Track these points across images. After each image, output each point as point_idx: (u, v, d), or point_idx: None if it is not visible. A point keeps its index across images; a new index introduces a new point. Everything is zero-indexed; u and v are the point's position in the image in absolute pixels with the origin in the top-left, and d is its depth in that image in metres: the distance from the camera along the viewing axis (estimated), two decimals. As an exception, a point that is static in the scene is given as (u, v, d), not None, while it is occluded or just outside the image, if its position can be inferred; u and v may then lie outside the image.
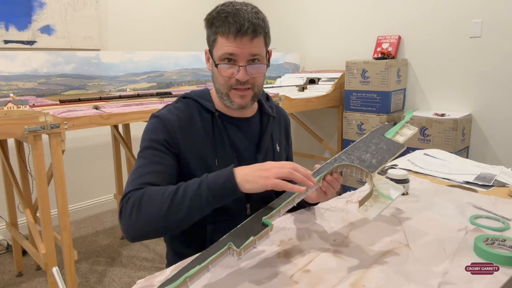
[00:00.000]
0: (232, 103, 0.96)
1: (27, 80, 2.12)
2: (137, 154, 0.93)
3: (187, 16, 3.38)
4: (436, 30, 2.69)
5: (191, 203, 0.78)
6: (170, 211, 0.78)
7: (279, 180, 0.76)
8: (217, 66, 0.92)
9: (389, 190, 0.80)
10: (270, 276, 0.74)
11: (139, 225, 0.80)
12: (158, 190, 0.82)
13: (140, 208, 0.80)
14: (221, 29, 0.90)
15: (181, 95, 1.04)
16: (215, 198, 0.78)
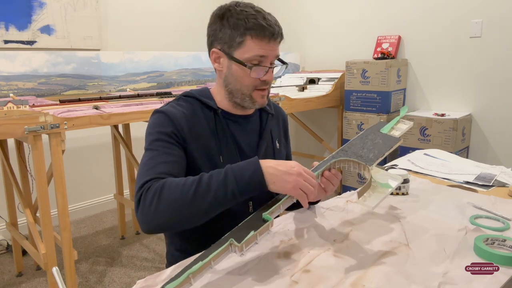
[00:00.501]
0: (254, 103, 0.98)
1: (27, 80, 2.12)
2: (145, 148, 0.91)
3: (187, 16, 3.38)
4: (436, 30, 2.69)
5: (216, 194, 0.76)
6: (193, 202, 0.76)
7: (303, 192, 0.78)
8: (250, 68, 0.92)
9: (388, 180, 0.80)
10: (270, 276, 0.74)
11: (159, 216, 0.77)
12: (179, 180, 0.80)
13: (161, 198, 0.77)
14: (254, 32, 0.90)
15: (181, 93, 1.04)
16: (241, 190, 0.77)
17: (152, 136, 0.92)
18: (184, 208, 0.77)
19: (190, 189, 0.77)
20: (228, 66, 0.96)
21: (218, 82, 1.02)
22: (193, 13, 3.40)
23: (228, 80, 0.97)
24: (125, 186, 2.63)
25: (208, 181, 0.78)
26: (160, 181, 0.80)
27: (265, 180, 0.77)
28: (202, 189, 0.77)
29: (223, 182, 0.77)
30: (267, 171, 0.78)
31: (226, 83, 0.98)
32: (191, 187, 0.77)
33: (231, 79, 0.97)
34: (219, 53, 0.97)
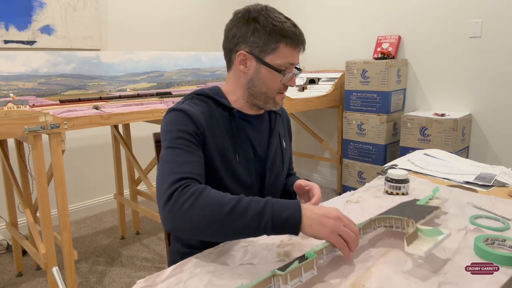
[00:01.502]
0: (276, 105, 1.02)
1: (27, 80, 2.12)
2: (167, 145, 0.90)
3: (187, 16, 3.38)
4: (436, 30, 2.69)
5: (250, 221, 0.75)
6: (226, 220, 0.75)
7: (341, 239, 0.75)
8: (284, 74, 0.96)
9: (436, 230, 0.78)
10: (270, 276, 0.74)
11: (188, 220, 0.76)
12: (219, 193, 0.79)
13: (196, 204, 0.76)
14: (290, 40, 0.94)
15: (193, 91, 1.03)
16: (274, 227, 0.75)
17: (174, 134, 0.90)
18: (215, 222, 0.76)
19: (227, 205, 0.76)
20: (256, 70, 0.97)
21: (235, 83, 1.02)
22: (193, 13, 3.40)
23: (254, 83, 0.98)
24: (125, 186, 2.63)
25: (247, 206, 0.76)
26: (199, 186, 0.80)
27: (302, 224, 0.75)
28: (238, 211, 0.76)
29: (260, 213, 0.75)
30: (305, 214, 0.76)
31: (249, 85, 0.99)
32: (229, 204, 0.76)
33: (258, 82, 0.98)
34: (247, 56, 0.97)
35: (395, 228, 0.84)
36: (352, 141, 2.93)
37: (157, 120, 2.05)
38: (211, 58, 3.00)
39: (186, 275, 0.75)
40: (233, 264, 0.78)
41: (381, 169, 1.39)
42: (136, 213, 2.64)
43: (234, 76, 1.02)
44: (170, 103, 2.11)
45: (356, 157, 2.93)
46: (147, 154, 2.55)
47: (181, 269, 0.77)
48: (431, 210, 0.94)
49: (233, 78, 1.02)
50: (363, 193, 1.17)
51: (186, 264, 0.79)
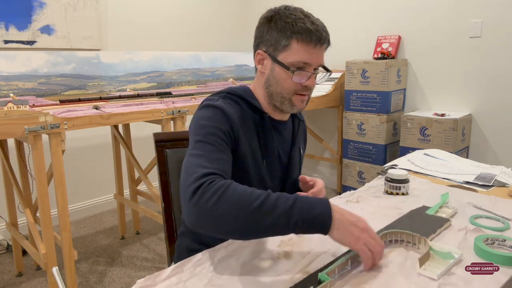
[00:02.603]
0: (293, 107, 0.97)
1: (27, 80, 2.12)
2: (198, 139, 0.87)
3: (187, 16, 3.38)
4: (436, 30, 2.69)
5: (278, 219, 0.71)
6: (253, 216, 0.71)
7: (366, 248, 0.72)
8: (293, 72, 0.92)
9: (448, 251, 0.78)
10: (270, 277, 0.74)
11: (214, 214, 0.72)
12: (246, 188, 0.75)
13: (223, 198, 0.72)
14: (301, 36, 0.90)
15: (224, 90, 1.00)
16: (304, 226, 0.72)
17: (208, 129, 0.88)
18: (241, 218, 0.72)
19: (255, 201, 0.72)
20: (271, 69, 0.96)
21: (258, 84, 1.01)
22: (194, 13, 3.40)
23: (270, 82, 0.97)
24: (125, 186, 2.64)
25: (275, 201, 0.72)
26: (226, 181, 0.76)
27: (331, 224, 0.72)
28: (267, 207, 0.72)
29: (289, 210, 0.72)
30: (335, 216, 0.73)
31: (267, 85, 0.98)
32: (257, 200, 0.72)
33: (273, 81, 0.96)
34: (263, 55, 0.96)
35: (406, 244, 0.84)
36: (352, 141, 2.93)
37: (157, 120, 2.05)
38: (211, 58, 3.00)
39: (186, 275, 0.75)
40: (233, 264, 0.78)
41: (381, 169, 1.39)
42: (136, 213, 2.64)
43: (257, 78, 1.01)
44: (170, 103, 2.11)
45: (356, 157, 2.93)
46: (147, 154, 2.54)
47: (181, 269, 0.77)
48: (441, 222, 0.92)
49: (256, 80, 1.02)
50: (363, 193, 1.17)
51: (186, 264, 0.79)
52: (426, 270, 0.73)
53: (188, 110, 2.13)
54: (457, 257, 0.76)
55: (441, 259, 0.76)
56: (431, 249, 0.78)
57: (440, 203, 1.04)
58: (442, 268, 0.73)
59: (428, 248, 0.77)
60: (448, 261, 0.75)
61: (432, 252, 0.77)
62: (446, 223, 0.93)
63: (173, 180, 1.18)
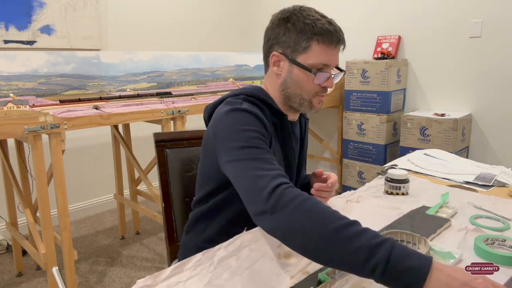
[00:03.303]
0: (312, 108, 0.97)
1: (27, 80, 2.12)
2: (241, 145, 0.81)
3: (187, 16, 3.38)
4: (436, 30, 2.69)
5: (355, 252, 0.61)
6: (331, 236, 0.63)
7: None
8: (315, 74, 0.91)
9: (448, 251, 0.78)
10: (270, 277, 0.74)
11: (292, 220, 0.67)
12: (328, 207, 0.69)
13: (304, 206, 0.68)
14: (322, 37, 0.89)
15: (240, 92, 0.97)
16: (384, 272, 0.59)
17: (249, 133, 0.83)
18: (317, 234, 0.64)
19: (337, 221, 0.64)
20: (289, 70, 0.94)
21: (272, 86, 0.99)
22: (194, 13, 3.40)
23: (287, 84, 0.95)
24: (125, 186, 2.64)
25: (359, 232, 0.63)
26: (303, 192, 0.71)
27: (423, 284, 0.57)
28: (348, 233, 0.63)
29: (373, 249, 0.60)
30: (436, 277, 0.58)
31: (284, 87, 0.96)
32: (339, 221, 0.64)
33: (291, 83, 0.95)
34: (279, 57, 0.95)
35: (406, 244, 0.83)
36: (352, 141, 2.93)
37: (157, 120, 2.05)
38: (211, 58, 3.00)
39: (186, 275, 0.75)
40: (233, 264, 0.78)
41: (381, 169, 1.39)
42: (136, 213, 2.64)
43: (269, 79, 1.00)
44: (170, 103, 2.11)
45: (356, 157, 2.93)
46: (147, 154, 2.54)
47: (181, 269, 0.77)
48: (441, 222, 0.93)
49: (269, 81, 1.00)
50: (363, 193, 1.17)
51: (186, 264, 0.79)
52: None
53: (188, 110, 2.13)
54: (457, 257, 0.76)
55: (441, 259, 0.76)
56: (431, 249, 0.78)
57: (440, 203, 1.04)
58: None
59: (428, 248, 0.77)
60: (448, 261, 0.75)
61: (432, 252, 0.77)
62: (446, 223, 0.93)
63: (173, 180, 1.18)
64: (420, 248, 0.81)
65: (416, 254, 0.60)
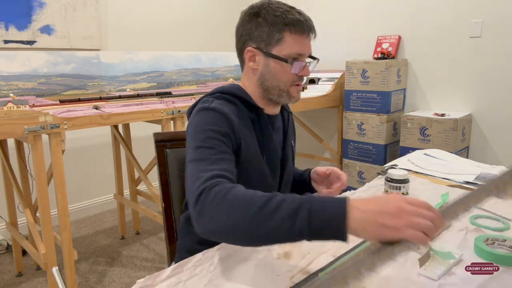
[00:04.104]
0: (290, 98, 0.99)
1: (27, 80, 2.12)
2: (196, 145, 0.84)
3: (187, 16, 3.38)
4: (436, 30, 2.69)
5: (279, 226, 0.63)
6: (255, 219, 0.65)
7: (414, 231, 0.58)
8: (291, 63, 0.93)
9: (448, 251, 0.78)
10: (270, 277, 0.74)
11: (216, 221, 0.68)
12: (248, 191, 0.70)
13: (223, 203, 0.68)
14: (294, 27, 0.91)
15: (216, 90, 0.99)
16: (312, 233, 0.62)
17: (206, 133, 0.85)
18: (242, 223, 0.66)
19: (257, 203, 0.65)
20: (265, 64, 0.96)
21: (249, 81, 1.00)
22: (194, 13, 3.40)
23: (265, 77, 0.97)
24: (125, 186, 2.63)
25: (280, 203, 0.64)
26: (227, 184, 0.72)
27: (347, 228, 0.60)
28: (269, 209, 0.64)
29: (294, 214, 0.62)
30: (355, 216, 0.60)
31: (261, 81, 0.98)
32: (259, 202, 0.65)
33: (268, 76, 0.96)
34: (254, 51, 0.96)
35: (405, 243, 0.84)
36: (352, 141, 2.93)
37: (157, 120, 2.05)
38: (211, 58, 3.00)
39: (186, 275, 0.75)
40: (233, 264, 0.78)
41: (381, 169, 1.39)
42: (136, 213, 2.64)
43: (246, 75, 1.01)
44: (170, 103, 2.11)
45: (356, 157, 2.93)
46: (147, 154, 2.54)
47: (181, 269, 0.77)
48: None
49: (246, 78, 1.02)
50: (363, 193, 1.17)
51: (186, 264, 0.79)
52: (426, 270, 0.73)
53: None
54: (457, 257, 0.77)
55: (441, 259, 0.76)
56: (431, 249, 0.78)
57: (440, 203, 1.04)
58: (442, 268, 0.73)
59: (428, 248, 0.77)
60: (448, 261, 0.75)
61: (432, 252, 0.77)
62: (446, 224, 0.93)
63: (173, 180, 1.18)
64: (420, 248, 0.81)
65: (332, 203, 0.62)
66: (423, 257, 0.75)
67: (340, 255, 0.79)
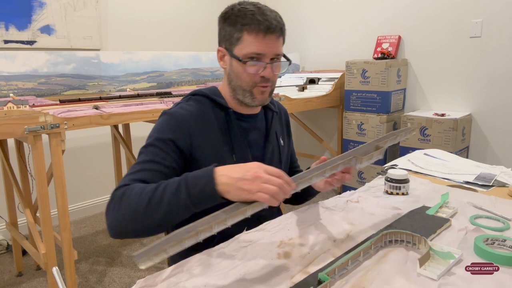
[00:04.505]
0: (254, 99, 0.98)
1: (27, 80, 2.12)
2: (139, 150, 0.91)
3: (187, 16, 3.38)
4: (436, 30, 2.69)
5: (169, 207, 0.75)
6: (146, 213, 0.75)
7: (263, 194, 0.70)
8: (245, 63, 0.93)
9: (448, 251, 0.78)
10: (270, 277, 0.74)
11: (118, 223, 0.78)
12: (140, 187, 0.79)
13: (120, 205, 0.78)
14: (250, 27, 0.91)
15: (190, 92, 1.04)
16: (194, 203, 0.74)
17: (149, 140, 0.91)
18: (138, 219, 0.76)
19: (145, 198, 0.75)
20: (230, 63, 0.98)
21: (224, 81, 1.03)
22: (193, 13, 3.40)
23: (231, 77, 0.99)
24: (125, 186, 2.63)
25: (162, 191, 0.75)
26: (125, 187, 0.80)
27: (218, 191, 0.72)
28: (155, 200, 0.75)
29: (176, 193, 0.74)
30: (221, 181, 0.73)
31: (229, 80, 1.00)
32: (146, 196, 0.76)
33: (233, 75, 0.98)
34: (223, 51, 0.99)
35: (406, 244, 0.83)
36: (352, 141, 2.93)
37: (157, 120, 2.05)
38: (211, 58, 3.00)
39: (186, 275, 0.75)
40: (233, 264, 0.78)
41: (381, 169, 1.39)
42: (136, 213, 2.64)
43: (224, 76, 1.04)
44: (170, 103, 2.11)
45: (356, 157, 2.92)
46: (147, 154, 2.54)
47: (181, 269, 0.77)
48: (441, 223, 0.92)
49: (223, 78, 1.04)
50: (363, 193, 1.17)
51: (186, 264, 0.79)
52: (426, 270, 0.73)
53: (188, 110, 2.13)
54: (457, 257, 0.77)
55: (441, 259, 0.76)
56: (431, 249, 0.78)
57: (440, 203, 1.04)
58: (442, 268, 0.73)
59: (428, 248, 0.77)
60: (448, 261, 0.75)
61: (432, 252, 0.77)
62: (446, 223, 0.93)
63: (173, 180, 1.18)
64: (420, 248, 0.81)
65: (203, 175, 0.74)
66: (423, 257, 0.75)
67: (340, 255, 0.79)
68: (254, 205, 0.71)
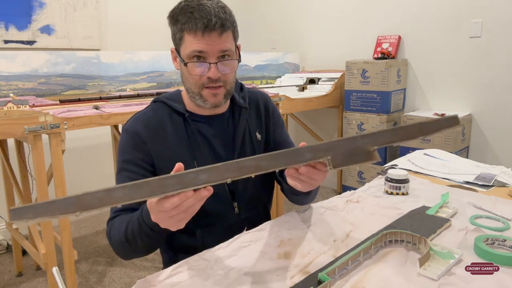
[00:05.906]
0: (205, 102, 0.92)
1: (27, 80, 2.12)
2: (116, 169, 0.95)
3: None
4: (436, 30, 2.69)
5: (140, 237, 0.81)
6: (131, 247, 0.84)
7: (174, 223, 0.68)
8: (186, 64, 0.87)
9: (448, 251, 0.78)
10: (270, 277, 0.74)
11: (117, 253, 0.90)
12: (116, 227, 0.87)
13: (111, 242, 0.88)
14: (187, 25, 0.84)
15: (153, 99, 1.01)
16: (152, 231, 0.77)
17: (118, 165, 0.94)
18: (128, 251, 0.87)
19: (123, 238, 0.84)
20: (180, 65, 0.93)
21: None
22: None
23: (182, 79, 0.95)
24: (125, 186, 2.63)
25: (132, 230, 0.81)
26: (109, 224, 0.89)
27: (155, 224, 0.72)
28: (130, 238, 0.82)
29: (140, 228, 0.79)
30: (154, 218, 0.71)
31: (183, 83, 0.95)
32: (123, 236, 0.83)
33: (183, 77, 0.94)
34: (173, 52, 0.94)
35: (406, 244, 0.83)
36: (352, 141, 2.93)
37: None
38: (211, 58, 2.99)
39: (186, 275, 0.75)
40: (233, 264, 0.78)
41: (381, 169, 1.39)
42: (136, 213, 2.64)
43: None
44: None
45: (356, 157, 2.92)
46: (147, 154, 2.55)
47: (181, 269, 0.77)
48: (441, 223, 0.92)
49: None
50: (363, 193, 1.17)
51: (186, 264, 0.79)
52: (426, 270, 0.73)
53: (188, 110, 2.13)
54: (457, 257, 0.77)
55: (441, 259, 0.76)
56: (431, 249, 0.78)
57: (440, 203, 1.04)
58: (442, 268, 0.73)
59: (428, 248, 0.77)
60: (448, 261, 0.75)
61: (432, 252, 0.77)
62: (446, 223, 0.92)
63: (173, 180, 1.18)
64: (420, 248, 0.81)
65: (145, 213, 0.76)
66: (423, 257, 0.75)
67: (340, 255, 0.79)
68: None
